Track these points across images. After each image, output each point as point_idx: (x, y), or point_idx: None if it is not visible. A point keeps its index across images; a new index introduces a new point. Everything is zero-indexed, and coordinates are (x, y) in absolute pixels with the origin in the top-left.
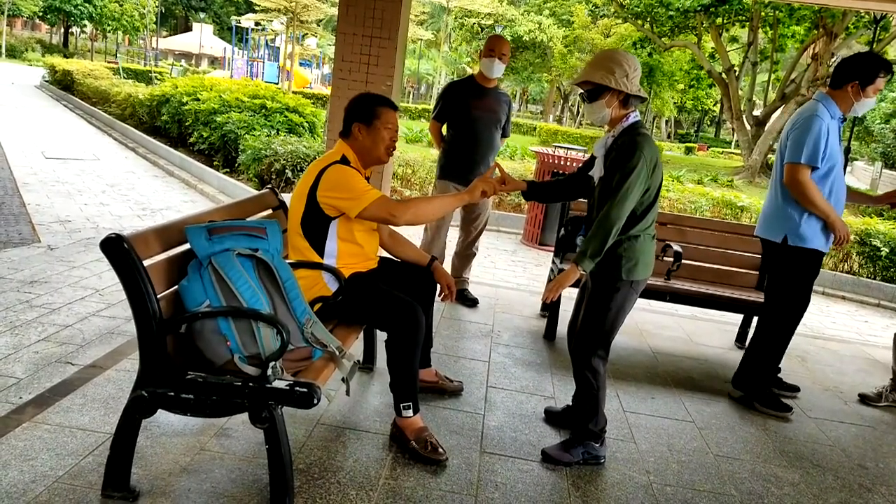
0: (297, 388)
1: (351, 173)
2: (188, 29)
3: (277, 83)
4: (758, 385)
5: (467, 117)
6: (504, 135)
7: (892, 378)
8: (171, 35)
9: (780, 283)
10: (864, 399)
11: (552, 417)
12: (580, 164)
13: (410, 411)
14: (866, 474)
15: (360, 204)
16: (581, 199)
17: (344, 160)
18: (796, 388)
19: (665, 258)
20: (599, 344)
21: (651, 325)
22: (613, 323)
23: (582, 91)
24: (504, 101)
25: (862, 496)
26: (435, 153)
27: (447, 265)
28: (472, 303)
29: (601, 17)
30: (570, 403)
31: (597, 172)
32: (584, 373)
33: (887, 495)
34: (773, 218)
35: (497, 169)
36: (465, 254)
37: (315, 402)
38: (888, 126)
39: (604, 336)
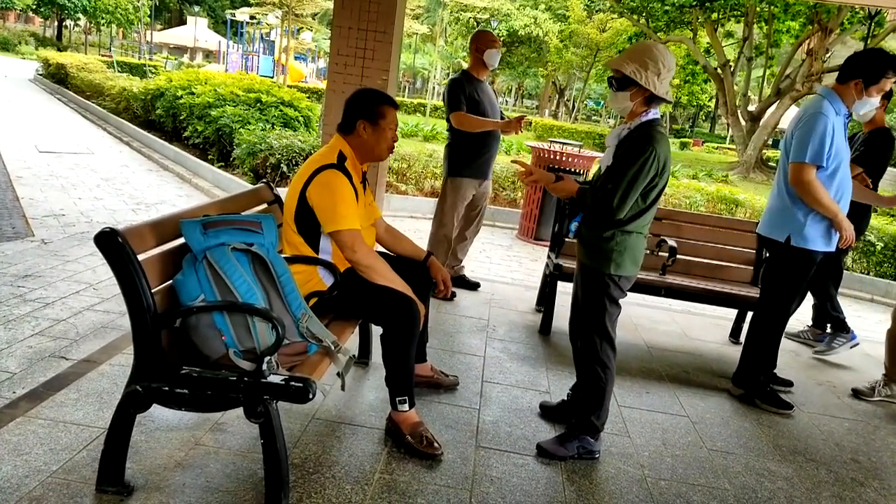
0: (293, 383)
1: (342, 188)
2: (182, 22)
3: (273, 77)
4: (757, 382)
5: (478, 111)
6: None
7: (885, 373)
8: (165, 28)
9: (777, 282)
10: (857, 394)
11: (547, 412)
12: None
13: (406, 406)
14: (859, 468)
15: (334, 225)
16: None
17: (341, 158)
18: (790, 383)
19: (660, 253)
20: (602, 335)
21: (646, 319)
22: (611, 314)
23: (611, 76)
24: (493, 92)
25: (854, 490)
26: (431, 148)
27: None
28: (473, 286)
29: (597, 11)
30: (566, 398)
31: (605, 161)
32: (594, 366)
33: (879, 489)
34: (777, 217)
35: (521, 164)
36: (463, 237)
37: (310, 396)
38: None
39: (603, 326)
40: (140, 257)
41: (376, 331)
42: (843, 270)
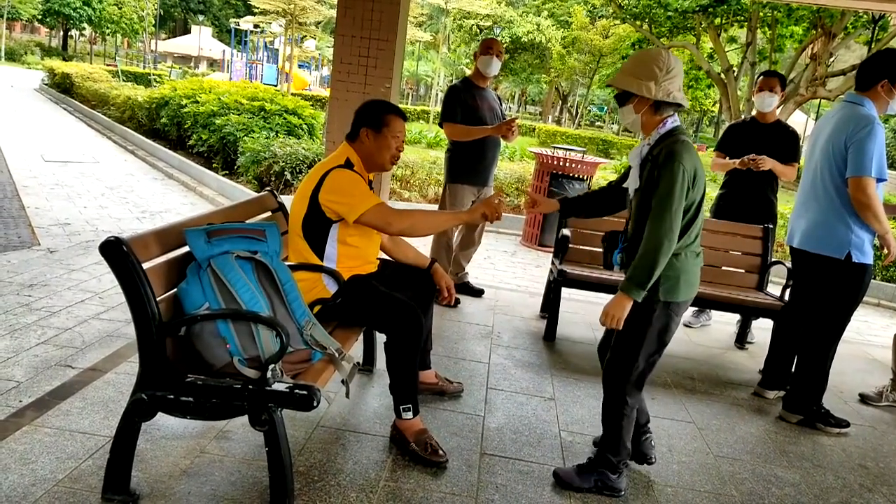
0: (297, 391)
1: (353, 178)
2: (187, 31)
3: (276, 85)
4: (818, 406)
5: (475, 118)
6: None
7: (893, 378)
8: (169, 38)
9: (837, 300)
10: (864, 399)
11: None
12: (617, 178)
13: (410, 413)
14: (867, 474)
15: (358, 210)
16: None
17: (348, 163)
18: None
19: None
20: (632, 370)
21: None
22: (649, 349)
23: (615, 94)
24: (497, 99)
25: (863, 496)
26: (434, 155)
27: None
28: (477, 293)
29: (599, 17)
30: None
31: (632, 184)
32: (612, 400)
33: (888, 495)
34: (829, 232)
35: (529, 194)
36: (467, 243)
37: (315, 404)
38: (886, 126)
39: (636, 362)
40: (145, 266)
41: (380, 338)
42: None
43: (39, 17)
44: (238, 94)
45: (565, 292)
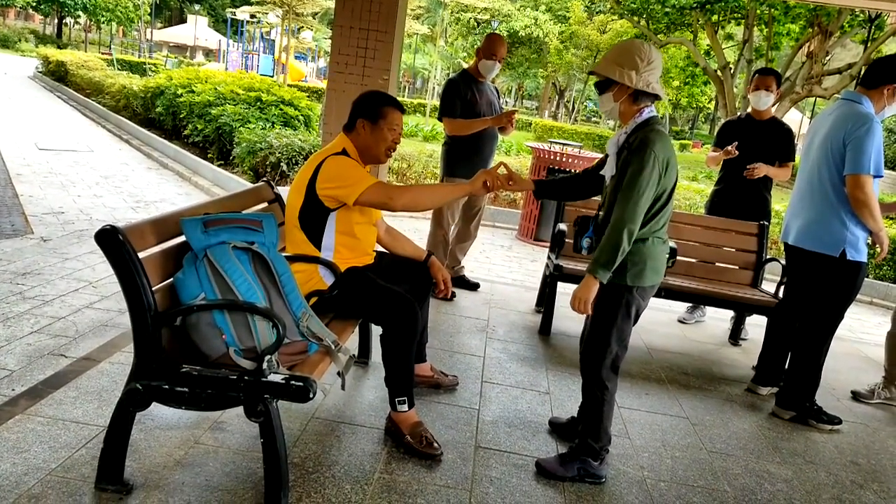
0: (293, 382)
1: (348, 163)
2: (183, 21)
3: (273, 76)
4: (811, 403)
5: (473, 112)
6: None
7: (885, 375)
8: (165, 27)
9: (832, 298)
10: (856, 396)
11: (557, 429)
12: (594, 162)
13: (405, 406)
14: (859, 471)
15: (356, 190)
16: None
17: (344, 153)
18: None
19: None
20: (606, 354)
21: (645, 321)
22: (621, 332)
23: (596, 81)
24: (495, 92)
25: (854, 493)
26: (430, 148)
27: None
28: (473, 286)
29: (597, 13)
30: (576, 415)
31: (608, 171)
32: (591, 386)
33: (879, 492)
34: (824, 230)
35: (504, 167)
36: (463, 237)
37: (310, 396)
38: (882, 124)
39: (610, 346)
40: (141, 255)
41: (376, 330)
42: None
43: (34, 4)
44: (234, 84)
45: (561, 287)
